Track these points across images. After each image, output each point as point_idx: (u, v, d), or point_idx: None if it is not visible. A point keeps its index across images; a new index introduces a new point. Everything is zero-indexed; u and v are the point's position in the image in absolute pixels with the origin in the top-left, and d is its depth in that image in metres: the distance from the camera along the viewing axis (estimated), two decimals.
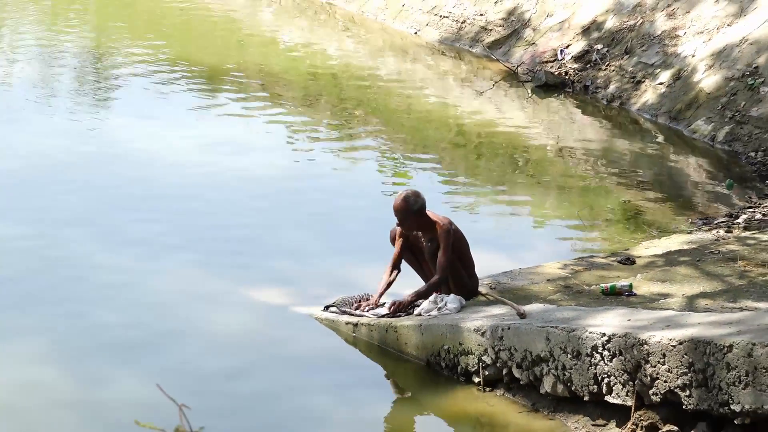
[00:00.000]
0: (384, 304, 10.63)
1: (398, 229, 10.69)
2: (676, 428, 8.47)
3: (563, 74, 18.91)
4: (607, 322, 9.02)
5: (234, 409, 9.23)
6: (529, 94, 18.74)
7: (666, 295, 10.48)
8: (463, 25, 20.95)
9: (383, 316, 10.48)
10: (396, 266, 10.81)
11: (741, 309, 9.61)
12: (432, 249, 10.53)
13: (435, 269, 10.56)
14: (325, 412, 9.48)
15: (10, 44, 21.07)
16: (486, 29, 20.63)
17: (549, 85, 18.73)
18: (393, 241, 10.87)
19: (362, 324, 10.53)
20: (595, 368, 8.80)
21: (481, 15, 20.88)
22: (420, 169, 15.62)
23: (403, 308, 10.49)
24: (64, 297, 11.02)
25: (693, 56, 17.68)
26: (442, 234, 10.40)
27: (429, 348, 10.09)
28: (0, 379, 9.43)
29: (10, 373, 9.52)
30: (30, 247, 12.02)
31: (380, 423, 9.50)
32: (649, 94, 17.71)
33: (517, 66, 19.51)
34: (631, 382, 8.59)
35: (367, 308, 10.58)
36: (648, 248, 12.40)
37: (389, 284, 10.80)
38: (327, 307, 10.86)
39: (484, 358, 9.64)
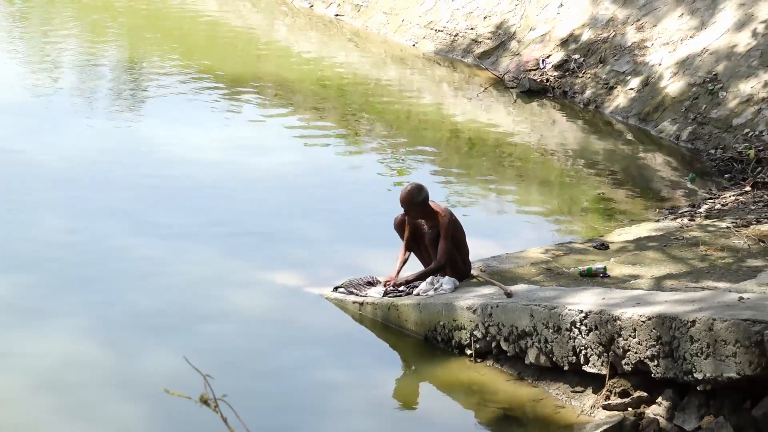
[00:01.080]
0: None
1: (404, 217, 10.76)
2: (645, 394, 8.47)
3: (545, 81, 18.88)
4: (584, 301, 9.02)
5: (253, 379, 9.23)
6: (515, 99, 18.71)
7: (636, 277, 10.47)
8: (456, 38, 20.91)
9: (401, 289, 10.56)
10: (408, 248, 10.89)
11: (703, 288, 9.60)
12: (432, 235, 10.57)
13: (434, 253, 10.60)
14: (334, 380, 9.48)
15: (56, 56, 21.04)
16: (476, 41, 20.59)
17: (532, 91, 18.70)
18: (396, 227, 10.91)
19: (367, 303, 10.54)
20: (574, 341, 8.80)
21: (472, 29, 20.84)
22: (418, 165, 15.61)
23: (405, 284, 10.57)
24: (103, 281, 11.02)
25: (659, 65, 17.66)
26: (444, 224, 10.46)
27: (426, 324, 10.09)
28: (47, 354, 9.43)
29: (55, 349, 9.52)
30: (73, 236, 12.03)
31: (383, 390, 9.49)
32: (620, 98, 17.68)
33: (504, 74, 19.47)
34: (605, 354, 8.59)
35: (390, 284, 10.65)
36: (620, 235, 12.39)
37: (404, 262, 10.89)
38: (336, 288, 10.87)
39: (475, 332, 9.64)
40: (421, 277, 10.56)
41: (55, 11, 25.42)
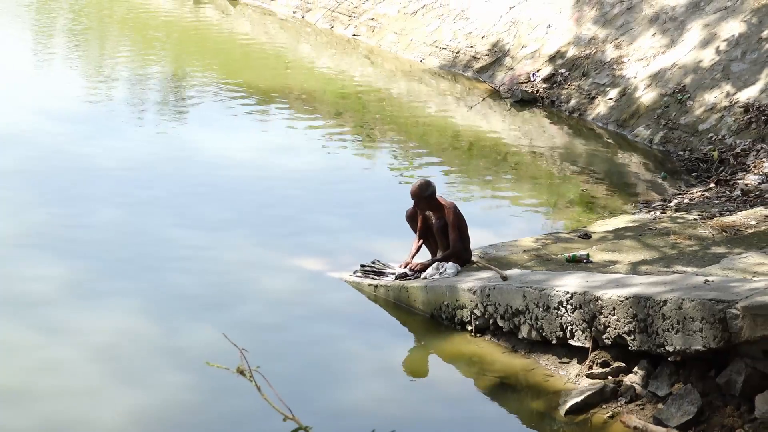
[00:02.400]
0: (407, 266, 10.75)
1: (416, 210, 10.76)
2: (623, 364, 8.46)
3: (535, 92, 18.83)
4: (570, 283, 9.00)
5: (283, 351, 9.24)
6: (509, 108, 18.67)
7: (615, 262, 10.44)
8: (458, 55, 20.85)
9: (403, 274, 10.55)
10: (421, 237, 10.88)
11: (673, 272, 9.58)
12: (439, 225, 10.58)
13: (441, 241, 10.63)
14: (352, 352, 9.49)
15: (111, 71, 21.04)
16: (475, 58, 20.53)
17: (524, 100, 18.65)
18: (408, 219, 10.92)
19: (381, 285, 10.54)
20: (561, 318, 8.78)
21: (472, 47, 20.78)
22: (424, 165, 15.59)
23: (422, 269, 10.58)
24: (152, 265, 11.04)
25: (635, 77, 17.61)
26: (450, 215, 10.48)
27: (432, 304, 10.09)
28: (103, 328, 9.46)
29: (110, 324, 9.55)
30: (126, 227, 12.04)
31: (394, 360, 9.50)
32: (601, 107, 17.64)
33: (500, 86, 19.43)
34: (588, 329, 8.57)
35: (401, 267, 10.65)
36: (601, 226, 12.36)
37: (418, 249, 10.89)
38: (355, 272, 10.87)
39: (475, 311, 9.63)
40: (434, 262, 10.57)
41: (114, 29, 25.42)
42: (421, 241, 10.88)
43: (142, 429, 7.99)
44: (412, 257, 10.83)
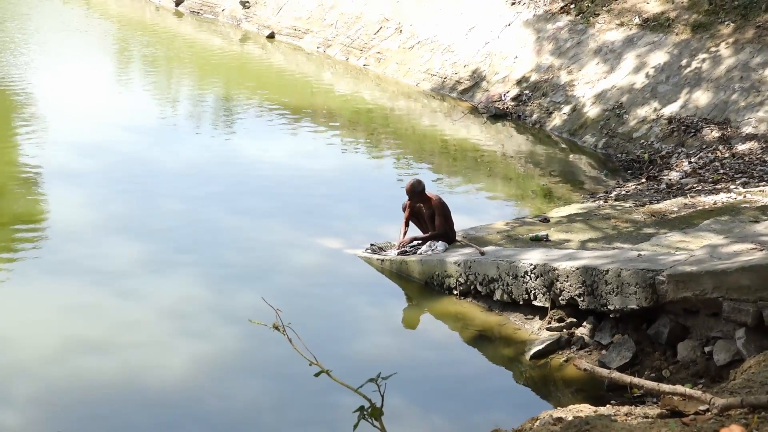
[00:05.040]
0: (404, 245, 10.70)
1: (407, 202, 10.76)
2: (575, 320, 8.44)
3: (505, 109, 18.77)
4: (533, 257, 8.99)
5: (309, 311, 9.24)
6: (485, 121, 18.60)
7: (568, 241, 10.41)
8: (445, 80, 20.78)
9: (403, 251, 10.53)
10: (406, 225, 10.87)
11: (613, 248, 9.55)
12: (429, 215, 10.60)
13: (430, 225, 10.62)
14: (363, 311, 9.49)
15: (175, 93, 20.99)
16: (459, 82, 20.46)
17: (497, 115, 18.59)
18: (403, 209, 10.89)
19: (387, 260, 10.53)
20: (526, 284, 8.76)
21: (456, 73, 20.70)
22: (419, 166, 15.56)
23: (412, 241, 10.62)
24: (206, 244, 11.03)
25: (583, 97, 17.56)
26: (437, 205, 10.51)
27: (426, 274, 10.07)
28: (168, 294, 9.47)
29: (175, 291, 9.57)
30: (185, 215, 12.03)
31: (396, 317, 9.50)
32: (557, 120, 17.58)
33: (478, 104, 19.36)
34: (548, 293, 8.55)
35: (397, 249, 10.64)
36: (557, 212, 12.33)
37: (405, 233, 10.85)
38: (365, 249, 10.86)
39: (459, 279, 9.62)
40: (425, 239, 10.60)
41: (177, 60, 25.34)
42: (407, 228, 10.91)
43: (200, 371, 8.00)
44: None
